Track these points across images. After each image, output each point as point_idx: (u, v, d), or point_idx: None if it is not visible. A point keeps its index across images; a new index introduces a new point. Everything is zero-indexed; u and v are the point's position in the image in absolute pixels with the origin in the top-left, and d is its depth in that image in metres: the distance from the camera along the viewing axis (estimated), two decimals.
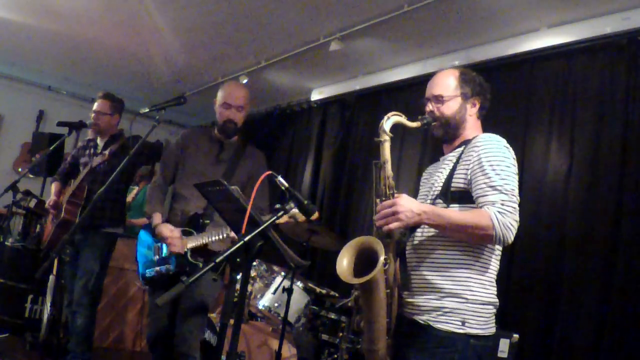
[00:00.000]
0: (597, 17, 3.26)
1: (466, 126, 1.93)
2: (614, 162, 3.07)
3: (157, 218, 2.80)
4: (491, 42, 3.85)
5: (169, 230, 2.71)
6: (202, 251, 2.72)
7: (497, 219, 1.66)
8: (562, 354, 3.04)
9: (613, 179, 3.04)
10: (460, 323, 1.74)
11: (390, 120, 1.88)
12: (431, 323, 1.76)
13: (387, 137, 1.85)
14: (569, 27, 3.41)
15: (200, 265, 2.66)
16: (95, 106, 3.66)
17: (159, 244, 2.77)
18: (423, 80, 4.35)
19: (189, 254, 2.69)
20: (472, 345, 1.75)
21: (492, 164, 1.74)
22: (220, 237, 2.64)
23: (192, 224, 2.76)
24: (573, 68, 3.42)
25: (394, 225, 1.70)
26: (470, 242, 1.77)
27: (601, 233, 3.04)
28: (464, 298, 1.75)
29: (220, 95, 2.89)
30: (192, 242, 2.70)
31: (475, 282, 1.77)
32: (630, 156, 3.02)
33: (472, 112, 1.94)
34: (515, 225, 1.69)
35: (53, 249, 3.31)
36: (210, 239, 2.67)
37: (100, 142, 3.69)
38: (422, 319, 1.78)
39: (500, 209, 1.67)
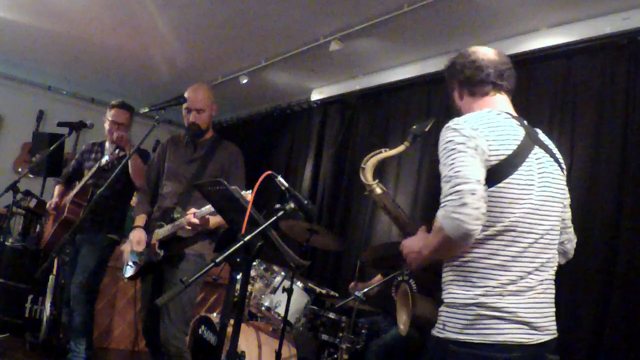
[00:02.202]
0: (597, 17, 3.27)
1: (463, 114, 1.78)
2: (614, 162, 3.07)
3: (137, 221, 3.02)
4: (491, 42, 3.84)
5: (136, 239, 2.92)
6: (172, 240, 2.87)
7: (441, 217, 1.50)
8: (562, 354, 3.03)
9: (613, 179, 3.04)
10: (441, 326, 1.62)
11: (367, 167, 1.88)
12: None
13: (372, 184, 1.87)
14: (569, 27, 3.41)
15: (161, 254, 2.85)
16: (113, 116, 3.60)
17: None
18: (423, 81, 4.46)
19: (157, 246, 2.87)
20: (453, 351, 1.55)
21: (439, 158, 1.60)
22: (179, 224, 2.79)
23: (165, 218, 2.93)
24: (573, 68, 3.43)
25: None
26: (454, 254, 1.61)
27: (601, 233, 3.04)
28: (445, 303, 1.64)
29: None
30: (161, 234, 2.88)
31: (453, 285, 1.61)
32: (630, 156, 3.02)
33: (458, 97, 1.85)
34: (459, 208, 1.45)
35: (52, 248, 3.32)
36: (174, 229, 2.82)
37: (109, 147, 3.68)
38: None
39: (442, 203, 1.51)
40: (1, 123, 6.54)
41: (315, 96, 5.59)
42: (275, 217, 1.76)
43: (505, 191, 1.56)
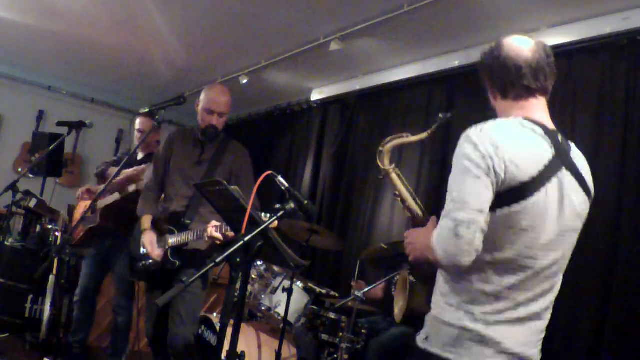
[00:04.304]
0: (597, 17, 3.26)
1: (498, 116, 1.64)
2: (614, 162, 3.07)
3: (145, 222, 2.93)
4: (491, 42, 3.83)
5: (149, 242, 2.84)
6: (181, 250, 2.81)
7: (434, 239, 1.43)
8: (562, 354, 3.04)
9: (613, 179, 3.04)
10: (424, 337, 1.59)
11: (385, 150, 1.86)
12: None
13: (388, 169, 1.85)
14: (569, 27, 3.41)
15: (177, 264, 2.79)
16: (139, 125, 3.76)
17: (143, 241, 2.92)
18: (423, 81, 4.45)
19: (169, 253, 2.79)
20: None
21: (453, 164, 1.49)
22: (197, 235, 2.71)
23: (173, 222, 2.85)
24: (573, 68, 3.42)
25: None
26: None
27: (601, 233, 3.03)
28: (431, 313, 1.60)
29: (203, 99, 2.93)
30: (172, 240, 2.80)
31: (442, 298, 1.56)
32: (630, 156, 3.02)
33: (492, 97, 1.65)
34: (451, 239, 1.37)
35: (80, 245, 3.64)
36: (189, 238, 2.75)
37: (141, 154, 3.80)
38: None
39: (440, 222, 1.43)
40: (1, 123, 6.55)
41: (315, 96, 5.59)
42: (275, 217, 1.76)
43: (515, 218, 1.43)
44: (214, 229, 2.58)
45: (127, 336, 3.73)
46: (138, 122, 3.79)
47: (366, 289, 3.54)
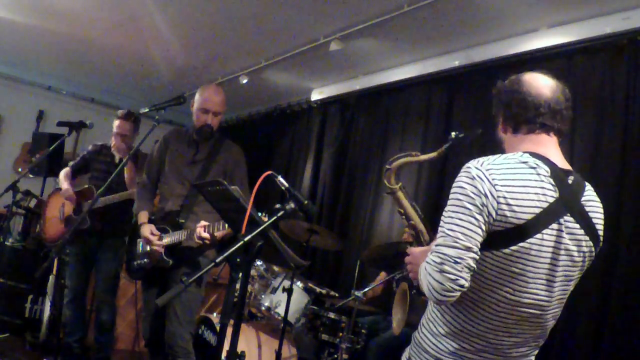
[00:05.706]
0: (597, 17, 3.26)
1: (505, 149, 1.60)
2: (614, 162, 3.07)
3: (142, 217, 2.94)
4: (491, 42, 3.85)
5: (149, 232, 2.84)
6: (175, 249, 2.82)
7: (422, 271, 1.41)
8: (562, 355, 3.04)
9: (613, 179, 3.04)
10: (407, 356, 1.61)
11: (392, 168, 1.84)
12: None
13: (395, 188, 1.84)
14: (569, 27, 3.41)
15: (171, 263, 2.81)
16: (118, 128, 3.69)
17: (140, 240, 2.93)
18: (423, 81, 4.46)
19: (163, 251, 2.82)
20: None
21: (451, 192, 1.45)
22: (191, 234, 2.73)
23: (168, 222, 2.87)
24: (573, 68, 3.42)
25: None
26: None
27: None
28: (416, 335, 1.61)
29: (198, 99, 2.94)
30: (167, 239, 2.82)
31: (429, 323, 1.57)
32: (630, 156, 3.02)
33: (502, 129, 1.61)
34: (435, 274, 1.35)
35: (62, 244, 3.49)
36: (183, 237, 2.77)
37: (117, 153, 3.76)
38: None
39: (430, 254, 1.40)
40: (1, 123, 6.55)
41: (315, 96, 5.59)
42: (275, 217, 1.75)
43: (507, 262, 1.40)
44: (201, 230, 2.63)
45: (112, 333, 3.77)
46: (117, 125, 3.68)
47: (366, 289, 3.54)
